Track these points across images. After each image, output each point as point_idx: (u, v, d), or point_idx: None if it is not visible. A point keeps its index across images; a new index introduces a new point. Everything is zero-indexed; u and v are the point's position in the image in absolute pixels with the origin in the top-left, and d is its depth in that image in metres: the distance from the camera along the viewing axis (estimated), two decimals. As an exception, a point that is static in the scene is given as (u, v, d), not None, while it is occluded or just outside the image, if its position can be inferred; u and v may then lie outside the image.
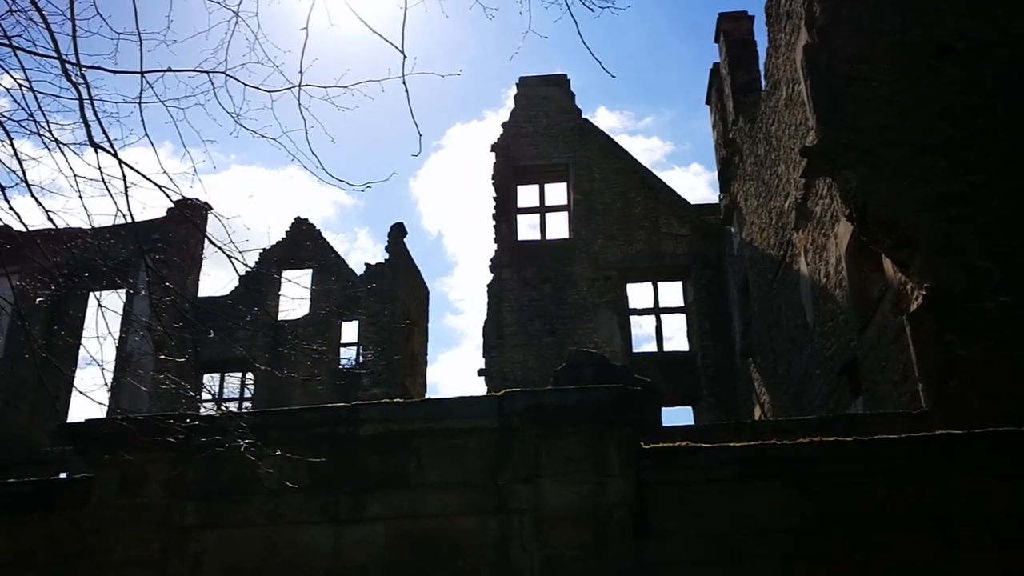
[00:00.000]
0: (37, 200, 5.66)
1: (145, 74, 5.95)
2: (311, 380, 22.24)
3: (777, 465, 7.22)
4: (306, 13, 6.57)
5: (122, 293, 18.44)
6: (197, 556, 7.40)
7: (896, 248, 11.18)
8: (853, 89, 11.94)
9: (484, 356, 24.24)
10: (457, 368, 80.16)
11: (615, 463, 7.16)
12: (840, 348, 14.24)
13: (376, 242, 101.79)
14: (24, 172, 5.69)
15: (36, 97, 5.71)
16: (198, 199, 7.90)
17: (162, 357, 20.79)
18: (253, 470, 7.00)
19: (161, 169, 6.00)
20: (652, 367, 21.40)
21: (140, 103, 5.98)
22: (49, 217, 5.70)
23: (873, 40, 12.16)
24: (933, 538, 6.75)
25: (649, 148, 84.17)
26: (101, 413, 8.44)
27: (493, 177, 26.44)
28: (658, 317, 25.24)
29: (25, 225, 5.87)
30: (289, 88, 6.40)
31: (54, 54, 5.67)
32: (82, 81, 5.68)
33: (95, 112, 5.71)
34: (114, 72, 5.89)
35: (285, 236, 28.52)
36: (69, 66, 5.67)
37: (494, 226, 25.85)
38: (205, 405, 25.87)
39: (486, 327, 24.56)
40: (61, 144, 5.75)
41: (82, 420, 8.02)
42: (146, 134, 6.11)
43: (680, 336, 25.47)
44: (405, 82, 6.61)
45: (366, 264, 27.98)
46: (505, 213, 26.02)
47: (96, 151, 5.74)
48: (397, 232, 28.62)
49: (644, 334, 30.17)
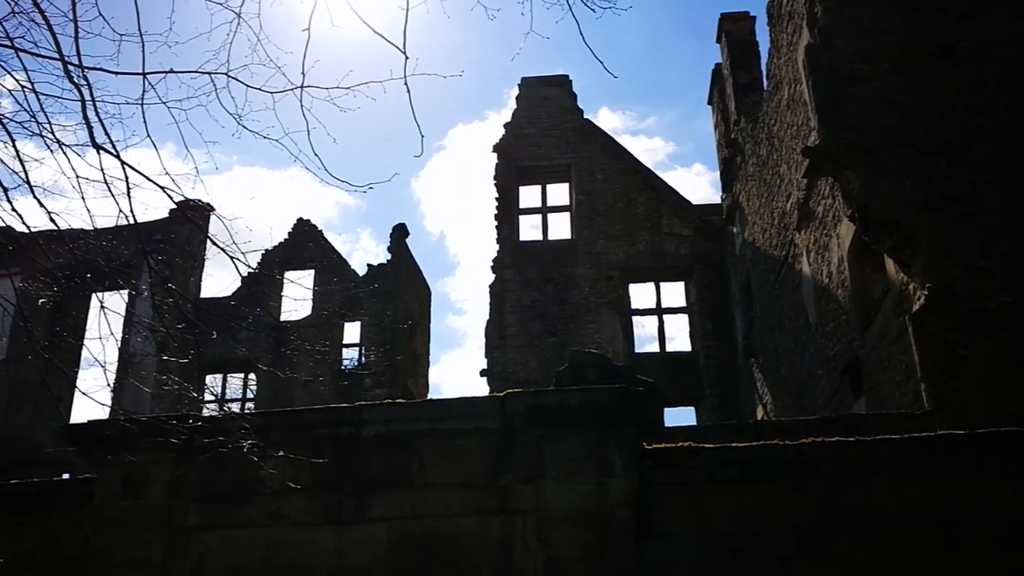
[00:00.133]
0: (39, 201, 5.66)
1: (147, 75, 5.95)
2: (313, 381, 22.27)
3: (779, 465, 7.21)
4: (308, 14, 6.58)
5: (124, 294, 18.47)
6: (200, 557, 7.40)
7: (898, 248, 11.18)
8: (855, 89, 11.94)
9: (486, 357, 24.23)
10: (459, 369, 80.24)
11: (617, 463, 7.16)
12: (842, 348, 14.23)
13: (378, 243, 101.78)
14: (26, 173, 5.70)
15: (38, 98, 5.72)
16: (200, 200, 7.86)
17: (164, 358, 20.84)
18: (255, 471, 7.00)
19: (163, 170, 6.01)
20: (654, 367, 21.40)
21: (142, 104, 5.99)
22: (51, 218, 5.71)
23: (875, 40, 12.16)
24: (935, 539, 6.74)
25: (651, 148, 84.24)
26: (104, 414, 8.47)
27: (495, 178, 26.44)
28: (660, 317, 25.24)
29: (27, 226, 5.87)
30: (291, 89, 6.40)
31: (56, 55, 5.68)
32: (84, 82, 5.69)
33: (97, 113, 5.72)
34: (116, 73, 5.89)
35: (287, 237, 28.54)
36: (71, 67, 5.67)
37: (496, 227, 25.85)
38: (208, 406, 25.95)
39: (488, 328, 24.56)
40: (63, 145, 5.76)
41: (85, 421, 8.03)
42: (148, 135, 6.11)
43: (682, 336, 25.48)
44: (407, 83, 6.62)
45: (368, 265, 28.01)
46: (507, 214, 26.01)
47: (98, 152, 5.74)
48: (399, 233, 28.64)
49: (646, 334, 30.26)
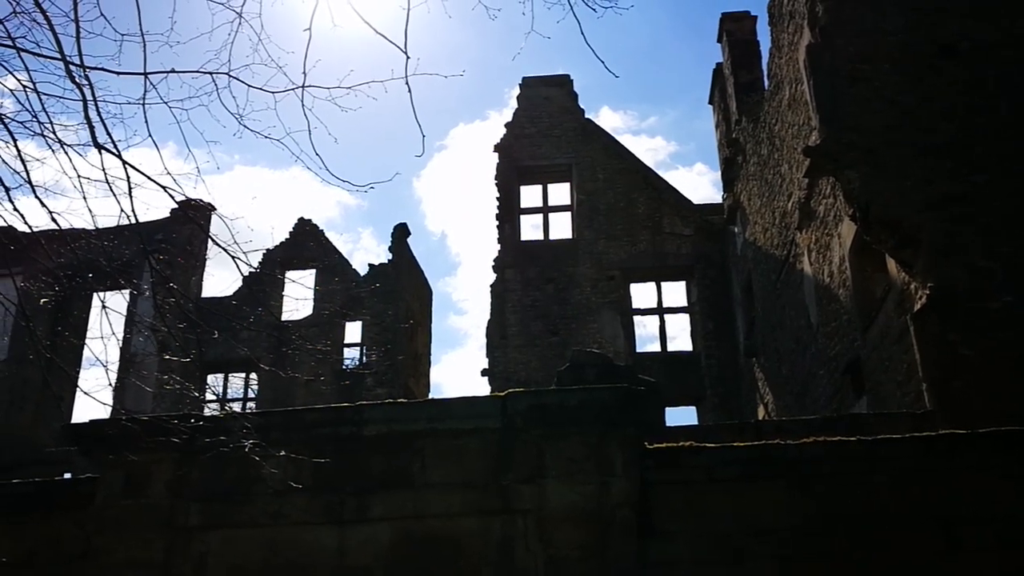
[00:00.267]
0: (41, 201, 5.67)
1: (149, 75, 5.95)
2: (315, 380, 22.26)
3: (781, 465, 7.20)
4: (309, 14, 6.57)
5: (126, 294, 18.45)
6: (201, 557, 7.40)
7: (899, 248, 11.18)
8: (856, 89, 11.94)
9: (487, 356, 24.24)
10: (461, 368, 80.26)
11: (618, 463, 7.15)
12: (844, 348, 14.23)
13: (380, 242, 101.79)
14: (28, 173, 5.71)
15: (40, 98, 5.71)
16: (202, 200, 7.86)
17: (166, 357, 20.86)
18: (257, 470, 7.00)
19: (165, 170, 6.01)
20: (656, 367, 21.37)
21: (144, 104, 5.99)
22: (53, 218, 5.72)
23: (875, 40, 12.15)
24: (937, 538, 6.74)
25: (653, 148, 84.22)
26: (105, 414, 8.47)
27: (496, 177, 26.43)
28: (662, 317, 25.23)
29: (29, 226, 5.87)
30: (292, 89, 6.40)
31: (58, 55, 5.68)
32: (86, 82, 5.69)
33: (99, 113, 5.73)
34: (118, 73, 5.90)
35: (288, 236, 28.55)
36: (73, 67, 5.67)
37: (497, 226, 25.84)
38: (209, 405, 25.93)
39: (489, 327, 24.56)
40: (65, 145, 5.76)
41: (86, 421, 8.01)
42: (150, 135, 6.12)
43: (684, 336, 25.43)
44: (408, 83, 6.62)
45: (369, 264, 28.01)
46: (508, 213, 26.01)
47: (100, 152, 5.74)
48: (400, 232, 28.64)
49: (648, 334, 30.24)
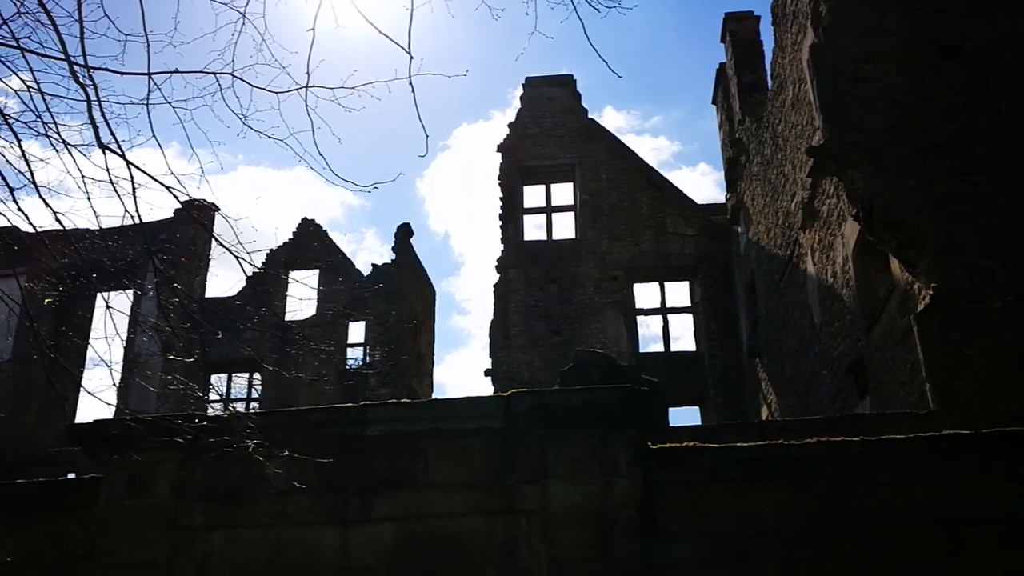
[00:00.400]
0: (45, 201, 5.68)
1: (152, 75, 5.97)
2: (318, 380, 22.29)
3: (784, 465, 7.20)
4: (313, 14, 6.60)
5: (130, 294, 18.45)
6: (205, 557, 7.41)
7: (903, 248, 11.17)
8: (859, 89, 11.93)
9: (490, 356, 24.24)
10: (464, 368, 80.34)
11: (622, 463, 7.16)
12: (847, 348, 14.21)
13: (383, 242, 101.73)
14: (32, 173, 5.72)
15: (44, 98, 5.72)
16: (205, 200, 7.84)
17: (170, 358, 20.87)
18: (261, 470, 7.02)
19: (168, 170, 6.01)
20: (659, 367, 21.38)
21: (148, 104, 6.00)
22: (57, 218, 5.72)
23: (878, 40, 12.14)
24: (940, 538, 6.74)
25: (656, 148, 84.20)
26: (109, 414, 8.46)
27: (499, 177, 26.42)
28: (665, 317, 25.22)
29: (33, 226, 5.89)
30: (296, 89, 6.41)
31: (62, 56, 5.69)
32: (90, 82, 5.70)
33: (103, 113, 5.73)
34: (122, 73, 5.91)
35: (292, 237, 28.57)
36: (77, 67, 5.68)
37: (500, 226, 25.84)
38: (213, 406, 25.96)
39: (492, 327, 24.56)
40: (69, 145, 5.78)
41: (90, 421, 8.03)
42: (154, 135, 6.13)
43: (687, 336, 25.40)
44: (412, 83, 6.62)
45: (373, 264, 28.03)
46: (511, 213, 26.01)
47: (104, 152, 5.75)
48: (404, 232, 28.65)
49: (651, 334, 30.16)
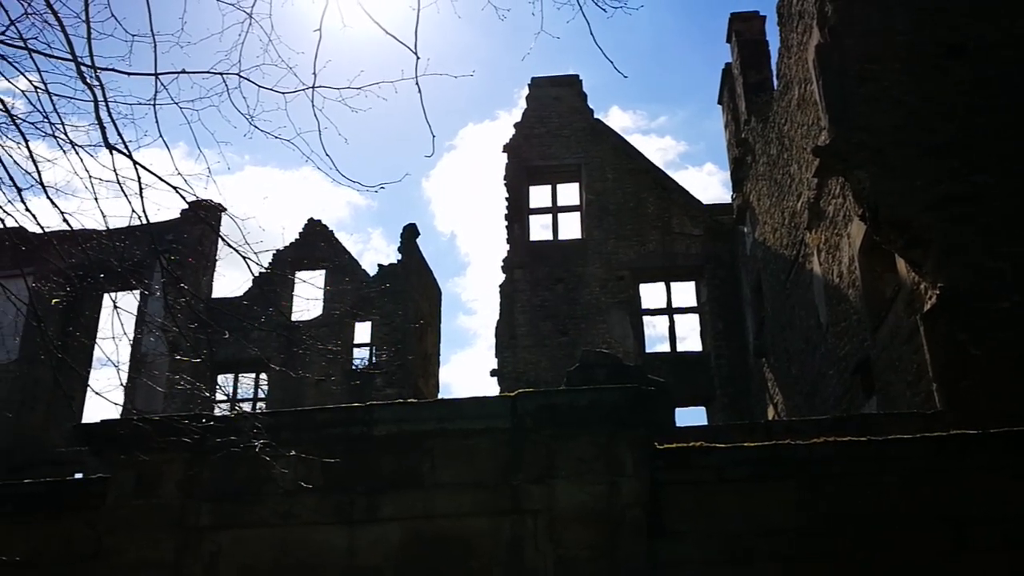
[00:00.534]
0: (52, 201, 5.68)
1: (159, 76, 5.97)
2: (325, 380, 22.32)
3: (791, 465, 7.19)
4: (319, 15, 6.59)
5: (137, 294, 18.52)
6: (211, 556, 7.41)
7: (909, 248, 11.15)
8: (865, 89, 11.91)
9: (497, 357, 24.23)
10: (470, 369, 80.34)
11: (628, 463, 7.14)
12: (853, 348, 14.19)
13: (389, 243, 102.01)
14: (40, 174, 5.71)
15: (51, 99, 5.73)
16: (212, 200, 7.85)
17: (177, 357, 20.92)
18: (267, 470, 7.02)
19: (175, 170, 6.02)
20: (665, 367, 21.33)
21: (155, 105, 6.00)
22: (64, 218, 5.72)
23: (884, 40, 12.13)
24: (946, 538, 6.72)
25: (663, 148, 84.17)
26: (116, 414, 8.49)
27: (505, 178, 26.42)
28: (671, 317, 25.19)
29: (41, 226, 5.89)
30: (303, 89, 6.42)
31: (69, 56, 5.69)
32: (97, 83, 5.70)
33: (110, 114, 5.73)
34: (128, 74, 5.91)
35: (299, 237, 28.62)
36: (84, 68, 5.68)
37: (506, 226, 25.84)
38: (220, 405, 25.99)
39: (498, 328, 24.56)
40: (76, 146, 5.77)
41: (98, 420, 8.03)
42: (160, 135, 6.13)
43: (693, 336, 25.43)
44: (418, 83, 6.62)
45: (379, 265, 28.04)
46: (517, 214, 26.00)
47: (111, 153, 5.76)
48: (410, 233, 28.67)
49: (657, 334, 30.04)
